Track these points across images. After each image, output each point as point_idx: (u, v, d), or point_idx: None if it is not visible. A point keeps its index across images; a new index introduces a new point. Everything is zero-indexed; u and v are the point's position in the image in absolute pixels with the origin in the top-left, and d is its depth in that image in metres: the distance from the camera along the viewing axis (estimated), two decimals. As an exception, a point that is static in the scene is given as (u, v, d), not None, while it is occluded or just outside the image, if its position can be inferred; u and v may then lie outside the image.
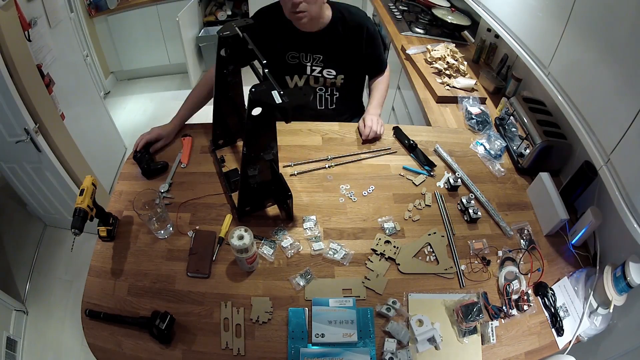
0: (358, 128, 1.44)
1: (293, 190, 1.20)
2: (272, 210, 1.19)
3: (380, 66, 1.57)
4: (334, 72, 1.45)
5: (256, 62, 1.02)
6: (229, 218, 1.13)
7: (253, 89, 0.88)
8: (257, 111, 0.88)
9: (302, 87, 0.92)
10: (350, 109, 1.61)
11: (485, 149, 1.41)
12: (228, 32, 1.05)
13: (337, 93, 1.52)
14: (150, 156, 1.28)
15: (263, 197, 1.15)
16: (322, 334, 0.93)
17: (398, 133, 1.44)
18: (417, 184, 1.28)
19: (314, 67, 1.43)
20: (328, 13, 1.37)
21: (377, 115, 1.46)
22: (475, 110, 1.57)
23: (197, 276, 1.03)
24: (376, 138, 1.42)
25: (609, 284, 1.00)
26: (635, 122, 0.91)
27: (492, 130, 1.51)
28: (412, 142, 1.38)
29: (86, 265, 1.04)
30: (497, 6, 1.61)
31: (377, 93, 1.55)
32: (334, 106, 1.55)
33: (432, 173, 1.31)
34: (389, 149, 1.40)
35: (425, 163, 1.32)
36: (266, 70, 0.96)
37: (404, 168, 1.33)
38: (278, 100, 0.86)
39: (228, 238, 0.95)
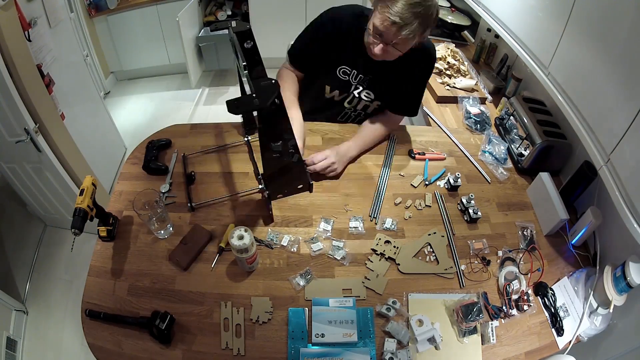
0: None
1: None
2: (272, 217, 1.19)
3: (410, 106, 1.37)
4: (372, 96, 1.34)
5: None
6: (230, 227, 1.12)
7: (229, 104, 0.85)
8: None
9: (264, 80, 0.88)
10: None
11: (492, 155, 1.39)
12: (242, 28, 1.02)
13: (363, 116, 1.43)
14: (157, 153, 1.29)
15: (291, 180, 1.09)
16: (322, 334, 0.93)
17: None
18: (415, 186, 1.28)
19: (357, 86, 1.33)
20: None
21: (345, 157, 1.28)
22: (474, 110, 1.57)
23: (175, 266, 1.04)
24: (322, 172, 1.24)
25: (609, 284, 1.00)
26: (635, 122, 0.91)
27: (491, 131, 1.50)
28: None
29: (86, 265, 1.04)
30: (497, 6, 1.61)
31: (369, 132, 1.35)
32: (352, 123, 1.47)
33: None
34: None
35: None
36: (246, 72, 0.93)
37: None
38: (262, 103, 0.85)
39: (228, 238, 0.95)
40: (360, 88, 1.33)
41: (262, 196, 1.19)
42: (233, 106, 0.86)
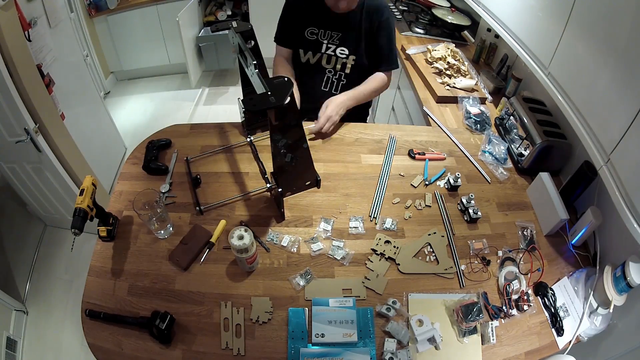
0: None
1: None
2: (271, 217, 1.19)
3: (384, 59, 1.48)
4: (346, 52, 1.44)
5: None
6: (222, 223, 1.12)
7: (243, 101, 0.89)
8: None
9: (277, 78, 0.92)
10: None
11: (492, 155, 1.39)
12: (243, 28, 1.10)
13: (344, 80, 1.50)
14: (157, 153, 1.30)
15: (300, 176, 1.13)
16: (322, 334, 0.93)
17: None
18: (415, 186, 1.28)
19: (329, 45, 1.44)
20: None
21: (340, 106, 1.38)
22: (474, 110, 1.57)
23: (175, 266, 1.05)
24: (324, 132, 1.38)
25: (609, 284, 1.00)
26: (635, 122, 0.91)
27: (491, 131, 1.50)
28: None
29: (86, 265, 1.04)
30: (497, 6, 1.61)
31: (364, 86, 1.46)
32: (337, 91, 1.52)
33: None
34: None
35: None
36: (257, 71, 0.96)
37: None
38: (278, 101, 0.87)
39: (228, 238, 0.95)
40: (333, 46, 1.44)
41: (270, 195, 1.20)
42: (250, 104, 0.87)
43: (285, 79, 0.92)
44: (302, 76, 1.51)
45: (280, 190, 1.08)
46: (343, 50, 1.44)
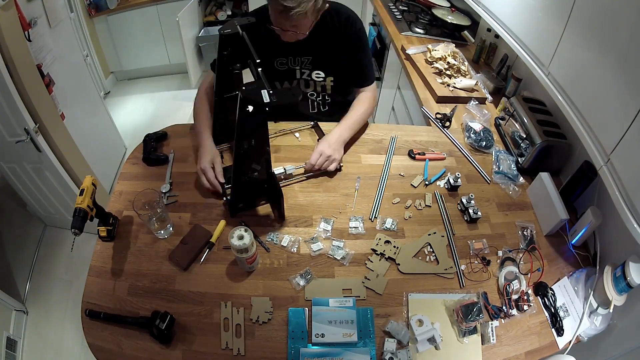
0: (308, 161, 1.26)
1: (292, 190, 1.20)
2: (270, 217, 1.19)
3: (364, 76, 1.39)
4: (322, 75, 1.36)
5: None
6: (222, 223, 1.12)
7: (243, 87, 0.88)
8: (250, 108, 0.88)
9: (291, 87, 0.91)
10: (344, 110, 1.42)
11: (505, 174, 1.34)
12: (229, 30, 1.05)
13: (329, 98, 1.43)
14: (155, 145, 1.31)
15: (256, 194, 1.15)
16: (322, 334, 0.93)
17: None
18: (415, 186, 1.28)
19: (303, 70, 1.35)
20: (312, 19, 1.19)
21: (337, 143, 1.28)
22: (476, 127, 1.47)
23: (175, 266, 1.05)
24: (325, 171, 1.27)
25: (609, 284, 1.00)
26: (635, 122, 0.91)
27: (496, 147, 1.44)
28: None
29: (86, 265, 1.04)
30: (497, 6, 1.61)
31: (353, 112, 1.37)
32: (326, 108, 1.47)
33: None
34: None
35: None
36: (260, 69, 0.96)
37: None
38: (267, 99, 0.87)
39: (228, 238, 0.95)
40: (307, 71, 1.35)
41: (224, 204, 1.17)
42: (271, 96, 0.87)
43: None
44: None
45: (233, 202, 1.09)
46: (319, 74, 1.35)
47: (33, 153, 1.72)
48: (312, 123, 1.43)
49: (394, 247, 1.10)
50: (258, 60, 0.97)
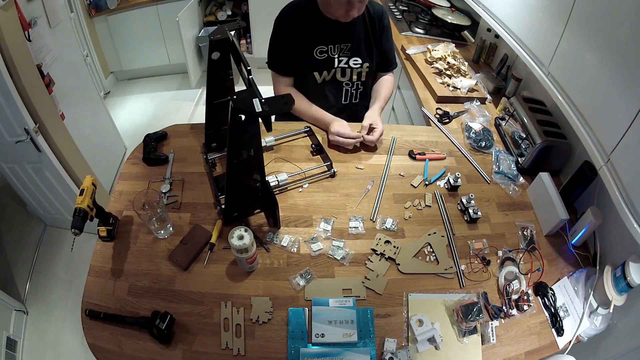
0: (362, 127, 1.35)
1: (292, 190, 1.20)
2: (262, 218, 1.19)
3: (391, 61, 1.54)
4: (359, 61, 1.42)
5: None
6: (219, 223, 1.13)
7: (235, 97, 0.87)
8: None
9: (284, 96, 0.90)
10: (368, 102, 1.57)
11: (505, 174, 1.35)
12: (219, 36, 1.05)
13: (362, 87, 1.49)
14: (155, 145, 1.31)
15: (250, 203, 1.15)
16: (322, 333, 0.93)
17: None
18: (415, 186, 1.28)
19: (341, 58, 1.40)
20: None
21: (379, 116, 1.41)
22: (476, 126, 1.48)
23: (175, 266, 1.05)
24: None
25: (609, 284, 1.00)
26: (635, 122, 0.91)
27: (496, 147, 1.44)
28: None
29: (86, 265, 1.04)
30: (497, 6, 1.61)
31: (385, 91, 1.50)
32: (357, 100, 1.53)
33: None
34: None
35: None
36: (251, 77, 0.95)
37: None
38: (258, 108, 0.86)
39: (228, 238, 0.95)
40: (345, 58, 1.41)
41: (218, 213, 1.17)
42: (263, 104, 0.86)
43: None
44: (318, 96, 1.46)
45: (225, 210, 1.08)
46: (356, 60, 1.42)
47: (33, 153, 1.72)
48: (307, 129, 1.43)
49: (394, 247, 1.10)
50: (249, 67, 0.96)
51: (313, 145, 1.38)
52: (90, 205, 0.99)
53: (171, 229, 1.11)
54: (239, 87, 0.96)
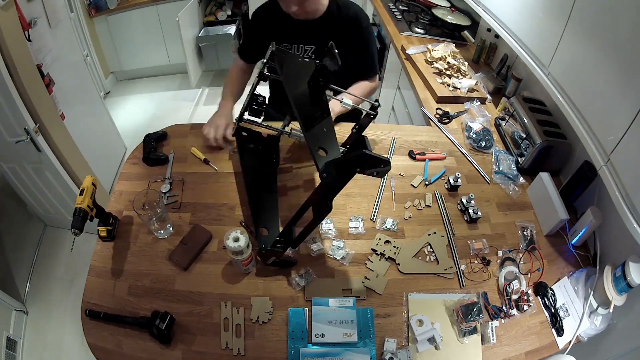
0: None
1: (293, 190, 1.20)
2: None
3: (372, 69, 1.45)
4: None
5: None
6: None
7: (365, 152, 0.77)
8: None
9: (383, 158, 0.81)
10: None
11: (504, 174, 1.35)
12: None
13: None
14: (155, 145, 1.31)
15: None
16: (322, 334, 0.93)
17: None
18: (415, 186, 1.28)
19: (305, 58, 1.33)
20: (324, 1, 1.32)
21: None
22: (476, 126, 1.47)
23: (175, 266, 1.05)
24: None
25: (609, 284, 1.00)
26: (635, 122, 0.91)
27: (496, 147, 1.44)
28: None
29: (86, 265, 1.04)
30: (497, 6, 1.61)
31: (353, 90, 1.37)
32: None
33: None
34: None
35: None
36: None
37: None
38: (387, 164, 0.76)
39: (224, 239, 0.95)
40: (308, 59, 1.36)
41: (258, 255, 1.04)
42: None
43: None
44: (280, 93, 1.49)
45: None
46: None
47: (33, 153, 1.72)
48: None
49: (394, 247, 1.10)
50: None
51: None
52: (90, 205, 0.99)
53: (171, 229, 1.11)
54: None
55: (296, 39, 1.38)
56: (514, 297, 1.03)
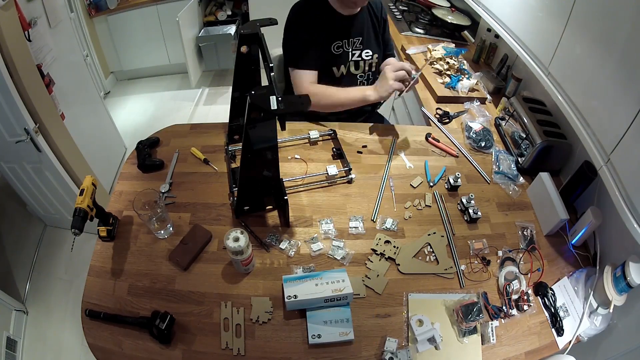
0: (386, 71, 1.28)
1: (294, 190, 1.20)
2: (272, 217, 1.19)
3: (391, 47, 1.62)
4: (370, 52, 1.48)
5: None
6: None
7: (252, 92, 0.88)
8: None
9: (301, 96, 0.90)
10: None
11: (505, 174, 1.35)
12: (249, 30, 1.06)
13: (373, 78, 1.53)
14: (149, 151, 1.30)
15: (262, 198, 1.15)
16: (319, 334, 0.93)
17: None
18: (415, 186, 1.28)
19: (354, 52, 1.45)
20: None
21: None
22: (476, 126, 1.47)
23: (175, 266, 1.05)
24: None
25: (609, 284, 1.00)
26: (636, 122, 0.91)
27: (497, 147, 1.44)
28: None
29: (86, 265, 1.04)
30: (497, 6, 1.61)
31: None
32: None
33: None
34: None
35: None
36: (272, 74, 0.96)
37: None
38: (274, 106, 0.86)
39: (224, 239, 0.95)
40: (357, 52, 1.46)
41: (231, 205, 1.18)
42: (279, 102, 0.86)
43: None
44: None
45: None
46: (368, 52, 1.47)
47: (33, 153, 1.72)
48: (331, 133, 1.42)
49: (394, 247, 1.10)
50: (272, 65, 0.97)
51: (334, 149, 1.37)
52: (90, 205, 0.99)
53: (171, 229, 1.11)
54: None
55: (346, 34, 1.42)
56: (514, 297, 1.03)
